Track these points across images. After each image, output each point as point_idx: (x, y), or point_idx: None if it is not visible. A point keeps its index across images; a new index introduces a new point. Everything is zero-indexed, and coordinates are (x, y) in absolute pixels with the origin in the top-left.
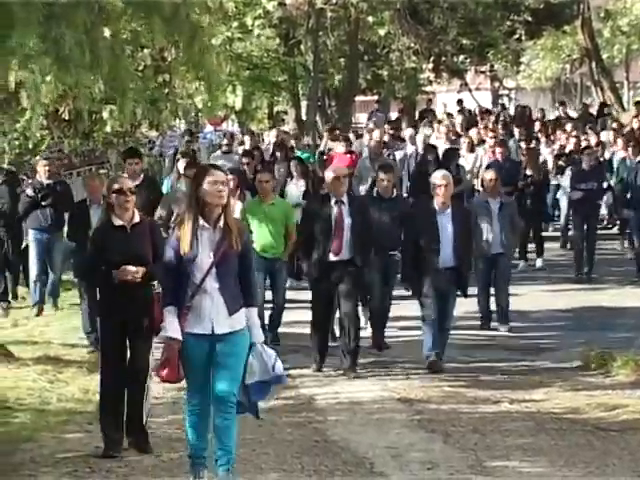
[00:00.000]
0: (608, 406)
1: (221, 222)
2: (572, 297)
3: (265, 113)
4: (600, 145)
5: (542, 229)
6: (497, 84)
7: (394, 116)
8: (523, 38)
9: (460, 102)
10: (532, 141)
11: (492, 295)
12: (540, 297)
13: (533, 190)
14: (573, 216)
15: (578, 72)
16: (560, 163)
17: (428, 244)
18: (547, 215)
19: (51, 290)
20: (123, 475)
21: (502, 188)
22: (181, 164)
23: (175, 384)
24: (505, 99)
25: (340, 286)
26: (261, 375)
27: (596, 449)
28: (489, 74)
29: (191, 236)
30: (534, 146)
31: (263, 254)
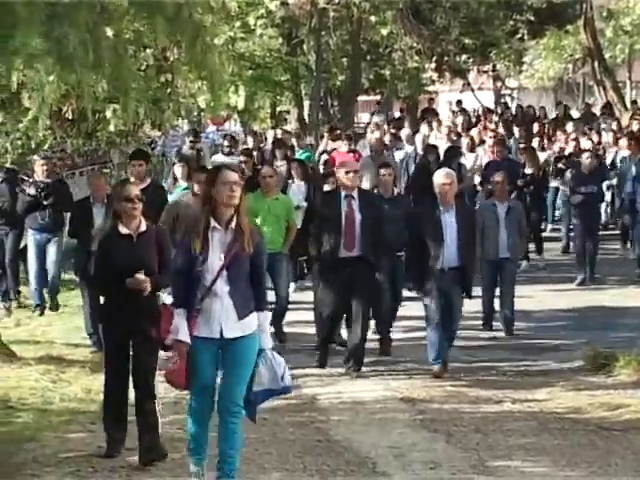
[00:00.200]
0: (611, 406)
1: (233, 223)
2: (574, 297)
3: (268, 113)
4: (601, 145)
5: (541, 229)
6: (499, 84)
7: (397, 116)
8: (525, 38)
9: (460, 102)
10: (531, 141)
11: (496, 297)
12: (542, 297)
13: (532, 189)
14: (574, 220)
15: (580, 72)
16: (560, 166)
17: (432, 243)
18: (546, 216)
19: (49, 291)
20: (126, 475)
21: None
22: (177, 169)
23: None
24: (507, 99)
25: (352, 284)
26: (270, 384)
27: (599, 449)
28: (491, 74)
29: (202, 237)
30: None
31: None
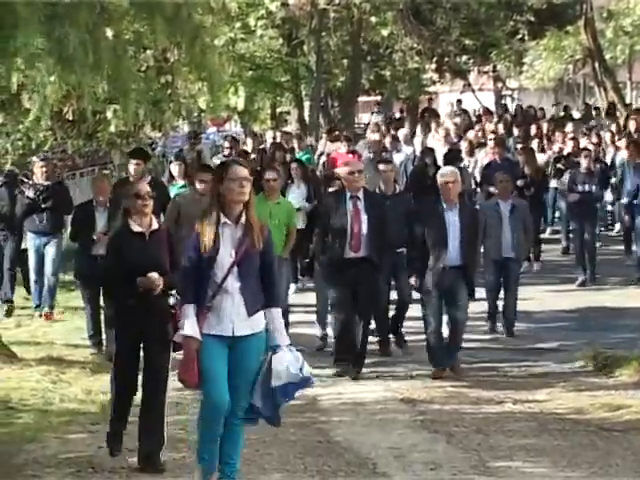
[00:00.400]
0: (611, 406)
1: (243, 219)
2: (575, 298)
3: (268, 114)
4: (601, 146)
5: (540, 231)
6: (500, 84)
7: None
8: (526, 38)
9: (460, 102)
10: (529, 142)
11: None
12: (543, 298)
13: (532, 191)
14: (571, 219)
15: (581, 72)
16: (559, 166)
17: (435, 242)
18: (546, 218)
19: (48, 296)
20: (126, 476)
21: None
22: (174, 167)
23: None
24: (508, 99)
25: (357, 286)
26: (288, 378)
27: (599, 449)
28: (492, 74)
29: (213, 233)
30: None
31: None
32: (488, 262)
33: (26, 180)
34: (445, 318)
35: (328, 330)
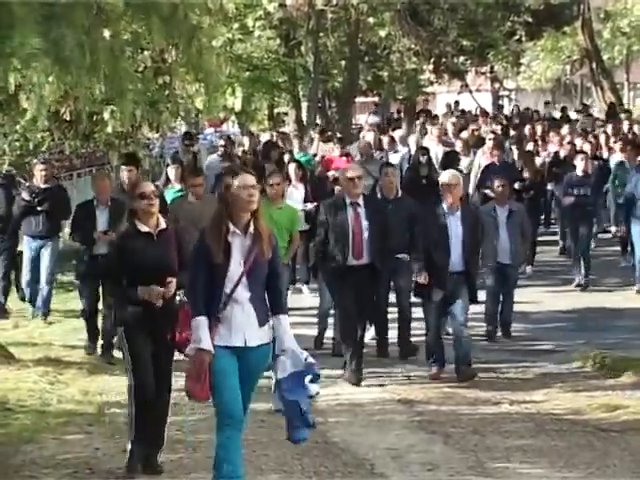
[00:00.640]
0: (609, 407)
1: (251, 228)
2: (573, 299)
3: (265, 114)
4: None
5: (537, 234)
6: (497, 85)
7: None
8: (523, 39)
9: (457, 103)
10: (522, 143)
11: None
12: (541, 298)
13: (530, 194)
14: (566, 222)
15: (578, 73)
16: (555, 170)
17: (437, 247)
18: (544, 219)
19: (42, 303)
20: (123, 476)
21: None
22: (171, 170)
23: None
24: (505, 100)
25: (361, 291)
26: (292, 368)
27: (597, 450)
28: (489, 75)
29: (222, 243)
30: (530, 150)
31: None
32: (486, 268)
33: (23, 182)
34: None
35: (329, 332)
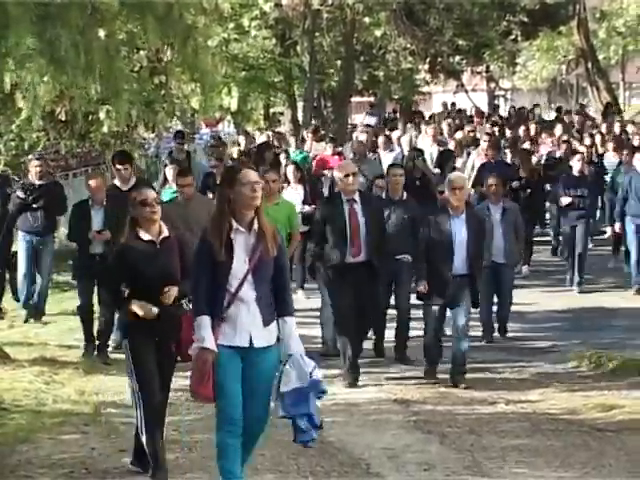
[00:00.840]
0: (604, 407)
1: (255, 225)
2: (568, 298)
3: (261, 114)
4: (594, 147)
5: (533, 234)
6: (493, 85)
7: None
8: (519, 39)
9: (454, 105)
10: (516, 145)
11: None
12: (537, 298)
13: (527, 192)
14: (562, 223)
15: (574, 73)
16: (551, 173)
17: (441, 250)
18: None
19: (37, 301)
20: (119, 476)
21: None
22: (168, 170)
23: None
24: (501, 100)
25: (359, 290)
26: (297, 382)
27: (592, 450)
28: (485, 75)
29: (226, 241)
30: (527, 148)
31: None
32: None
33: (17, 179)
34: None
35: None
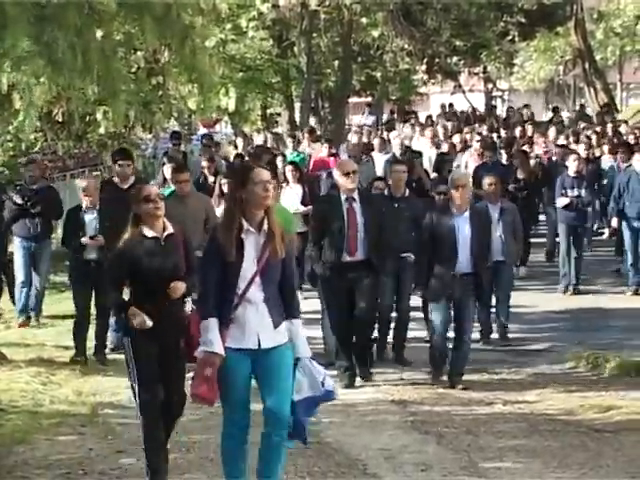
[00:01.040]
0: (602, 407)
1: (265, 226)
2: (566, 299)
3: (258, 115)
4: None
5: (530, 235)
6: (490, 86)
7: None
8: (516, 39)
9: (451, 106)
10: (511, 147)
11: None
12: (534, 299)
13: (525, 194)
14: (559, 224)
15: (571, 73)
16: (546, 179)
17: (444, 248)
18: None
19: (34, 303)
20: (116, 477)
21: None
22: (167, 169)
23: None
24: (498, 101)
25: (357, 289)
26: (309, 391)
27: (590, 450)
28: (482, 75)
29: (235, 241)
30: (525, 149)
31: None
32: None
33: (16, 185)
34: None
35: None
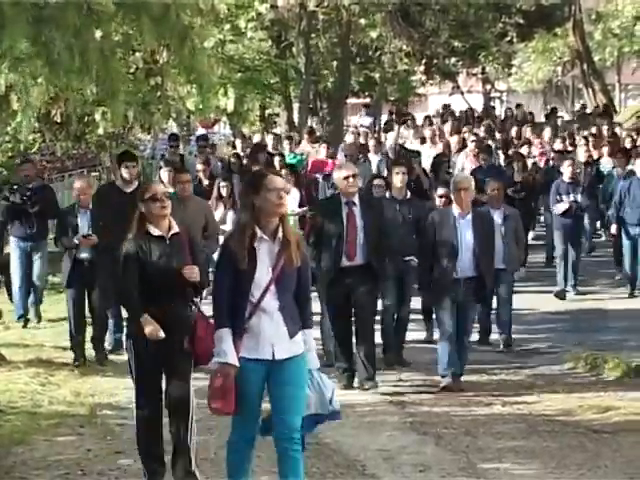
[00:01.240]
0: (600, 408)
1: (280, 234)
2: (565, 300)
3: (257, 116)
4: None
5: (528, 237)
6: (489, 86)
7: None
8: (514, 40)
9: (447, 107)
10: (508, 148)
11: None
12: (533, 300)
13: (522, 196)
14: (554, 231)
15: (570, 74)
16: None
17: (446, 252)
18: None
19: (34, 301)
20: (115, 477)
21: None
22: (164, 173)
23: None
24: (497, 102)
25: (355, 294)
26: (317, 408)
27: (588, 451)
28: (481, 76)
29: (249, 249)
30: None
31: None
32: None
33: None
34: None
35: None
